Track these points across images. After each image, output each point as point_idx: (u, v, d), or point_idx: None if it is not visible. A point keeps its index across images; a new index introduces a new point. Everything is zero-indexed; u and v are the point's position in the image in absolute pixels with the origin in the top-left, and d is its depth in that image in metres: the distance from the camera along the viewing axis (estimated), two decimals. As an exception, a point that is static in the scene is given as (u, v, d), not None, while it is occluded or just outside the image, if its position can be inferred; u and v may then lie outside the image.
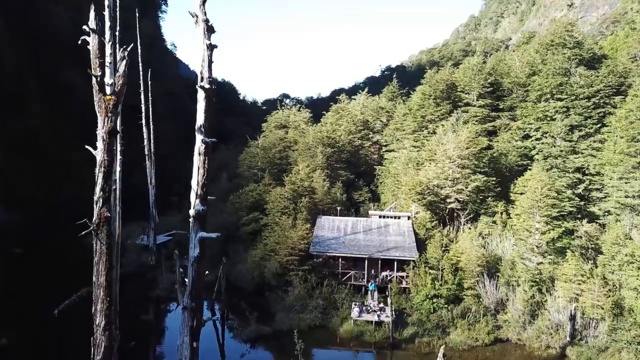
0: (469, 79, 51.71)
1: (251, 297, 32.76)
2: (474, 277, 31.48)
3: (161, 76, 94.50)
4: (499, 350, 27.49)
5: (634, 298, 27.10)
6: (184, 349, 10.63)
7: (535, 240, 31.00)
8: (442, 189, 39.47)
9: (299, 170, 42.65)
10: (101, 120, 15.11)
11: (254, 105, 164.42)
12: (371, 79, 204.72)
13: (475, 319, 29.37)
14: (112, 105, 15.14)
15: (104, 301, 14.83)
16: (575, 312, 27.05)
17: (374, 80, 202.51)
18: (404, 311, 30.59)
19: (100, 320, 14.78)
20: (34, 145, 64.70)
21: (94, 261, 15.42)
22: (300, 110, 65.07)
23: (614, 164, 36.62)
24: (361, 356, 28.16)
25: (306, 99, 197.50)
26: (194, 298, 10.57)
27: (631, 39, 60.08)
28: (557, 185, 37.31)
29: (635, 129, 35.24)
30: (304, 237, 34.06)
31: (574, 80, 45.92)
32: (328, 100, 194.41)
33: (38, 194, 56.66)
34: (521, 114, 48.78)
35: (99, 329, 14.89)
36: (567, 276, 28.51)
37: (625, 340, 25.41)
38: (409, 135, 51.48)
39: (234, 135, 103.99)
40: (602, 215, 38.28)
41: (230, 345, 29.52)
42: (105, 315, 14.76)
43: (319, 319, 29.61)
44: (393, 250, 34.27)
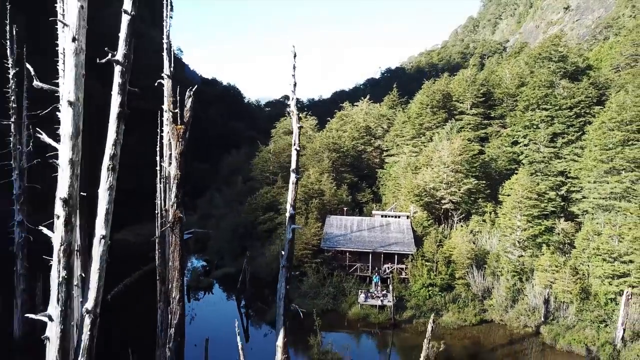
0: (463, 90, 56.69)
1: (270, 286, 37.57)
2: (464, 268, 36.47)
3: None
4: (484, 329, 32.52)
5: (598, 285, 32.10)
6: (282, 289, 15.78)
7: (516, 237, 36.02)
8: (437, 191, 44.42)
9: (309, 174, 47.58)
10: (174, 143, 20.10)
11: (258, 107, 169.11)
12: (371, 81, 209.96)
13: (465, 303, 34.39)
14: (182, 132, 20.11)
15: (178, 280, 19.85)
16: (549, 297, 32.06)
17: (374, 82, 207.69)
18: (403, 297, 35.59)
19: (176, 294, 19.79)
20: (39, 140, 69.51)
21: (170, 250, 20.45)
22: (307, 118, 69.84)
23: (589, 169, 41.54)
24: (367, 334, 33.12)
25: (308, 101, 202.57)
26: (289, 260, 15.76)
27: (614, 50, 65.12)
28: (540, 187, 42.35)
29: (606, 138, 40.18)
30: (315, 234, 39.11)
31: (558, 91, 50.88)
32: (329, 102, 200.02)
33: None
34: (510, 122, 53.78)
35: (175, 300, 19.92)
36: (543, 267, 33.50)
37: (589, 320, 30.44)
38: (408, 141, 56.43)
39: (241, 138, 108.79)
40: (580, 214, 43.17)
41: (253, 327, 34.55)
42: (179, 290, 19.77)
43: (330, 304, 34.65)
44: (394, 246, 39.27)
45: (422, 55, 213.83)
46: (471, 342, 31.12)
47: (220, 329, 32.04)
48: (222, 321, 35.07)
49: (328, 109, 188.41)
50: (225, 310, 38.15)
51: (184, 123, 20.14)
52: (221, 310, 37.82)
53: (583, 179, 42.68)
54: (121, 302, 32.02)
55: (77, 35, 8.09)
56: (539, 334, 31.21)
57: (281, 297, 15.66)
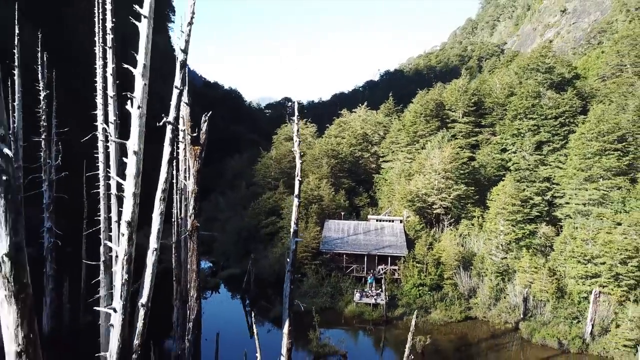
0: (455, 99, 59.86)
1: (273, 286, 40.74)
2: (452, 269, 39.66)
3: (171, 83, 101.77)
4: (468, 325, 35.72)
5: (572, 284, 35.28)
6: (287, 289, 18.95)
7: (499, 240, 39.20)
8: (429, 197, 47.59)
9: (309, 181, 50.75)
10: (192, 162, 23.25)
11: (259, 110, 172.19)
12: (370, 83, 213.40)
13: (452, 302, 37.58)
14: (199, 152, 23.25)
15: (195, 281, 23.01)
16: (528, 296, 35.25)
17: (373, 85, 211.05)
18: (395, 296, 38.77)
19: (194, 293, 22.96)
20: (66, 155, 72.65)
21: (188, 255, 23.60)
22: (307, 125, 72.97)
23: (570, 177, 44.73)
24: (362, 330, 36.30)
25: (308, 103, 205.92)
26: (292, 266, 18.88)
27: (600, 60, 68.30)
28: (525, 193, 45.59)
29: (585, 148, 43.36)
30: (315, 237, 42.29)
31: (544, 102, 54.06)
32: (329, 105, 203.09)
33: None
34: (500, 130, 56.96)
35: (192, 298, 23.08)
36: (523, 268, 36.68)
37: (563, 316, 33.62)
38: (403, 147, 59.59)
39: (242, 141, 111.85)
40: (563, 219, 46.39)
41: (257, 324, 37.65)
42: (196, 289, 22.93)
43: (328, 302, 37.84)
44: (387, 248, 42.46)
45: (421, 58, 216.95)
46: (456, 337, 34.32)
47: (228, 325, 35.31)
48: (229, 318, 38.33)
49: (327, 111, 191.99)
50: (231, 308, 41.34)
51: (200, 144, 23.26)
52: (228, 308, 41.00)
53: (565, 185, 45.87)
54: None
55: (141, 105, 11.25)
56: (517, 330, 34.41)
57: (287, 295, 18.79)
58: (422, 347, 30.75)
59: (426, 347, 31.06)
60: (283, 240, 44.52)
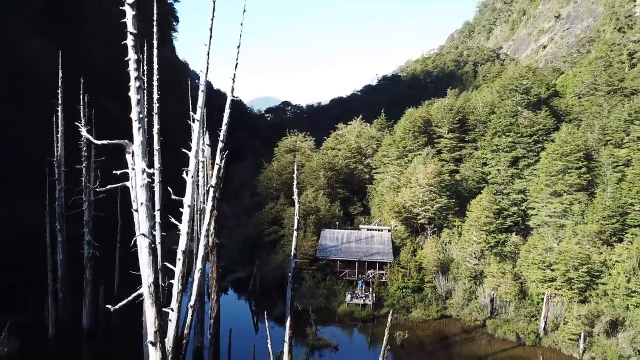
0: (441, 117, 65.85)
1: (276, 289, 46.76)
2: (432, 273, 45.75)
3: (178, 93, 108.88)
4: (443, 322, 41.87)
5: (533, 287, 41.36)
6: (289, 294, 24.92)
7: (472, 249, 45.26)
8: (414, 209, 53.58)
9: (307, 194, 56.75)
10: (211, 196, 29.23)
11: (260, 116, 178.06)
12: (368, 87, 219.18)
13: (430, 302, 43.71)
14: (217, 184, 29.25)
15: (216, 286, 29.09)
16: (494, 297, 41.34)
17: (371, 89, 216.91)
18: (382, 297, 44.88)
19: (214, 296, 29.07)
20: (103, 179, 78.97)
21: (209, 265, 29.69)
22: (306, 138, 78.89)
23: (538, 191, 50.77)
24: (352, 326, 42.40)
25: (307, 107, 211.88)
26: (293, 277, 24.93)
27: (576, 79, 74.28)
28: (501, 205, 51.64)
29: (551, 167, 49.38)
30: (312, 246, 48.37)
31: (520, 120, 60.09)
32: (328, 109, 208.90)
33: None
34: (481, 145, 62.96)
35: (213, 300, 29.18)
36: (492, 273, 42.74)
37: (523, 315, 39.73)
38: (393, 161, 65.52)
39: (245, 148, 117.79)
40: (534, 229, 52.42)
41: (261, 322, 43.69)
42: (216, 293, 29.00)
43: (323, 303, 43.94)
44: (376, 255, 48.56)
45: (418, 63, 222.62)
46: (433, 332, 40.45)
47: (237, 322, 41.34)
48: (238, 316, 44.42)
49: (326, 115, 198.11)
50: (239, 308, 47.45)
51: (219, 178, 29.26)
52: (236, 308, 47.10)
53: (534, 198, 51.91)
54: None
55: (194, 175, 17.31)
56: (484, 326, 40.52)
57: (288, 298, 24.74)
58: (402, 341, 36.87)
59: (405, 341, 37.18)
60: (284, 248, 50.61)
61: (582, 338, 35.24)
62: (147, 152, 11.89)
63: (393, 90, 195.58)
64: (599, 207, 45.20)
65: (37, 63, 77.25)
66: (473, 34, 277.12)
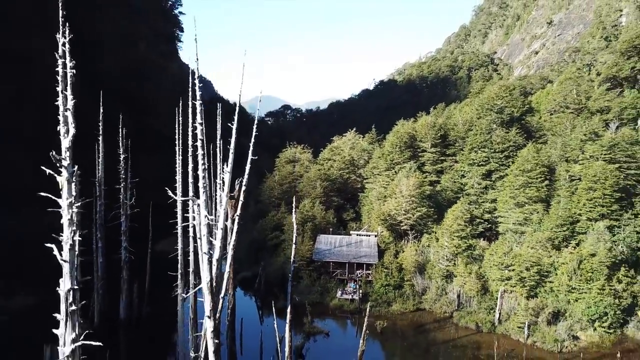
0: (425, 133, 74.21)
1: (278, 286, 55.22)
2: (410, 273, 54.25)
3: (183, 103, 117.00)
4: (418, 314, 50.43)
5: (493, 285, 49.84)
6: (289, 289, 33.38)
7: (444, 252, 53.77)
8: (398, 217, 62.02)
9: (304, 204, 65.20)
10: (230, 211, 37.73)
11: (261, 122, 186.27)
12: (366, 92, 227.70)
13: (408, 297, 52.24)
14: (234, 205, 37.73)
15: (232, 284, 37.59)
16: (461, 293, 49.86)
17: (368, 93, 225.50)
18: (367, 293, 53.38)
19: (231, 291, 37.56)
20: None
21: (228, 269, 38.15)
22: (305, 150, 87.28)
23: (504, 202, 59.24)
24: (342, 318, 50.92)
25: (306, 111, 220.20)
26: (293, 277, 33.38)
27: (549, 97, 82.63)
28: (474, 213, 60.05)
29: (515, 181, 57.82)
30: (309, 249, 56.87)
31: (494, 137, 68.47)
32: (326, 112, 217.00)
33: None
34: (460, 159, 71.38)
35: (230, 295, 37.69)
36: (460, 273, 51.24)
37: (483, 308, 48.25)
38: (382, 172, 73.93)
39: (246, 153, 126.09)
40: (501, 234, 60.84)
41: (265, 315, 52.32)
42: (233, 289, 37.51)
43: (318, 298, 52.46)
44: (363, 257, 57.07)
45: (414, 67, 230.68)
46: (409, 321, 49.03)
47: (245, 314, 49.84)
48: (245, 309, 52.88)
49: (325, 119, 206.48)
50: (245, 303, 55.95)
51: (234, 198, 37.66)
52: (243, 303, 55.59)
53: (502, 208, 60.40)
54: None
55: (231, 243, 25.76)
56: (452, 317, 49.10)
57: (289, 293, 33.20)
58: (381, 329, 45.43)
59: (384, 329, 45.75)
60: (285, 251, 59.09)
61: (527, 326, 43.79)
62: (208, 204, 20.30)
63: (389, 95, 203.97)
64: (553, 217, 53.69)
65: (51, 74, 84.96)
66: (469, 37, 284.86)
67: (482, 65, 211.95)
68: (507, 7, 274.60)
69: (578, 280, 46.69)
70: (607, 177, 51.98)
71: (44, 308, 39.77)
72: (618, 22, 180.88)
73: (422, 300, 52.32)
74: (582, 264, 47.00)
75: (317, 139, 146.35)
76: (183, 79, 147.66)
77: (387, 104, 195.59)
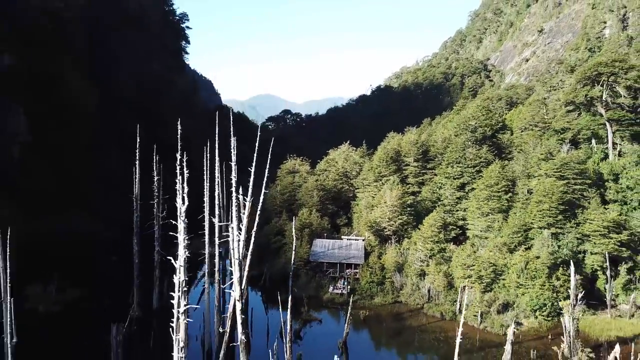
0: (408, 149, 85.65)
1: (280, 283, 66.52)
2: (391, 272, 65.73)
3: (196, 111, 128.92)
4: (396, 306, 62.02)
5: (457, 282, 61.30)
6: (290, 284, 44.91)
7: (418, 255, 65.25)
8: (382, 223, 73.45)
9: (303, 212, 76.66)
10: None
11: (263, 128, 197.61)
12: (363, 97, 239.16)
13: (388, 292, 63.75)
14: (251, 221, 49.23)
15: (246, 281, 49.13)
16: (430, 288, 61.36)
17: (365, 99, 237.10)
18: (355, 289, 64.88)
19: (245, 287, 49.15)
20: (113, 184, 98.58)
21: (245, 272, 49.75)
22: (303, 162, 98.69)
23: (472, 212, 70.66)
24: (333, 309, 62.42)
25: (305, 116, 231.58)
26: (293, 275, 44.86)
27: (520, 115, 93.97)
28: (448, 220, 71.47)
29: (480, 194, 69.21)
30: (306, 251, 68.35)
31: (467, 154, 79.87)
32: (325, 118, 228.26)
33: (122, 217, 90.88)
34: (438, 172, 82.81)
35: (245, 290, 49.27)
36: (430, 272, 62.72)
37: (448, 300, 59.78)
38: (371, 183, 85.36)
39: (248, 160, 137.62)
40: (470, 239, 72.23)
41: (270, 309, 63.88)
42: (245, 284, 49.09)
43: (314, 292, 64.05)
44: (352, 259, 68.57)
45: (409, 74, 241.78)
46: (387, 312, 60.59)
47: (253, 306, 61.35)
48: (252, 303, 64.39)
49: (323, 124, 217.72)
50: (252, 297, 67.41)
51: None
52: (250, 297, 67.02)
53: (470, 217, 71.84)
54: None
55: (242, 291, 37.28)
56: (423, 308, 60.67)
57: (290, 287, 44.60)
58: (364, 317, 56.97)
59: (367, 317, 57.30)
60: (286, 253, 70.54)
61: (480, 314, 55.34)
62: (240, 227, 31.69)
63: (385, 101, 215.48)
64: (510, 225, 65.16)
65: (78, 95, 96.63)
66: (464, 42, 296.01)
67: (475, 72, 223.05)
68: (501, 14, 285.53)
69: (525, 278, 58.11)
70: (554, 192, 63.34)
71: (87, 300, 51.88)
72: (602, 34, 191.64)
73: (400, 295, 63.83)
74: (529, 264, 58.42)
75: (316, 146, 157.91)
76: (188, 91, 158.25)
77: (383, 110, 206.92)
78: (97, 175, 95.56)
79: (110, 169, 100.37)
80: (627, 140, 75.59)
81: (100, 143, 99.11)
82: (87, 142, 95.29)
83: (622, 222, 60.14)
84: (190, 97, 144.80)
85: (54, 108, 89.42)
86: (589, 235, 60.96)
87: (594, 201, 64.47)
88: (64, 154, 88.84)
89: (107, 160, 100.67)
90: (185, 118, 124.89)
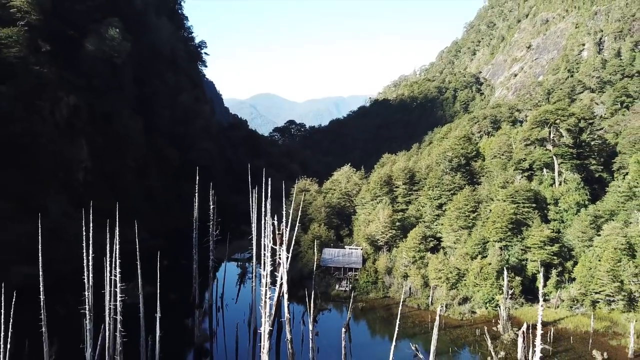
0: (398, 174, 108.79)
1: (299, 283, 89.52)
2: (383, 274, 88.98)
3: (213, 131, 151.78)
4: (385, 300, 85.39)
5: (431, 282, 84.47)
6: (313, 283, 68.08)
7: (403, 261, 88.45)
8: (376, 236, 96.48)
9: (314, 227, 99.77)
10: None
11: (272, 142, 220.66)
12: (362, 109, 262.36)
13: (380, 289, 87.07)
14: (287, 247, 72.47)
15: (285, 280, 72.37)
16: (411, 286, 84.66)
17: (364, 111, 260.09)
18: (355, 287, 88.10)
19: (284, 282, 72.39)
20: (154, 199, 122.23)
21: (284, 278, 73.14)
22: (312, 182, 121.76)
23: (445, 227, 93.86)
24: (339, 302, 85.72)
25: (309, 128, 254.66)
26: (313, 279, 68.02)
27: (491, 145, 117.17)
28: (427, 234, 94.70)
29: (451, 214, 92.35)
30: (318, 258, 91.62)
31: (444, 180, 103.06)
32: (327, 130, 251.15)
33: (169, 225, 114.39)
34: (422, 194, 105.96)
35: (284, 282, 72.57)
36: (411, 274, 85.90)
37: (424, 295, 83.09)
38: (368, 202, 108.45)
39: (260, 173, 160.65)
40: (443, 249, 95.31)
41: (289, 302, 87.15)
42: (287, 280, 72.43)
43: (324, 289, 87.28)
44: (353, 264, 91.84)
45: (405, 88, 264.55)
46: (379, 304, 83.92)
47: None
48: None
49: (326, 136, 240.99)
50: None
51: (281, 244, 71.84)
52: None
53: (444, 232, 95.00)
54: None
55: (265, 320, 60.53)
56: (405, 301, 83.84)
57: (313, 285, 67.39)
58: (362, 307, 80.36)
59: (364, 308, 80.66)
60: (302, 259, 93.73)
61: (445, 305, 78.67)
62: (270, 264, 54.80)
63: (383, 114, 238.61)
64: (473, 239, 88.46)
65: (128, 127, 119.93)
66: (459, 53, 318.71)
67: (467, 87, 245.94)
68: (494, 27, 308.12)
69: (480, 279, 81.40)
70: (505, 214, 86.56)
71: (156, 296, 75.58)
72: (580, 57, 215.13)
73: (389, 291, 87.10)
74: (482, 269, 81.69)
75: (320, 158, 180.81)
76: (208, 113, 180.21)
77: (381, 122, 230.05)
78: (142, 193, 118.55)
79: (150, 186, 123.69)
80: (569, 170, 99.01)
81: (143, 165, 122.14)
82: (134, 165, 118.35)
83: (554, 237, 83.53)
84: (210, 119, 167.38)
85: (109, 138, 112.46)
86: (530, 247, 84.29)
87: (536, 221, 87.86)
88: (118, 176, 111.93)
89: (148, 179, 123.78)
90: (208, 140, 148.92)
